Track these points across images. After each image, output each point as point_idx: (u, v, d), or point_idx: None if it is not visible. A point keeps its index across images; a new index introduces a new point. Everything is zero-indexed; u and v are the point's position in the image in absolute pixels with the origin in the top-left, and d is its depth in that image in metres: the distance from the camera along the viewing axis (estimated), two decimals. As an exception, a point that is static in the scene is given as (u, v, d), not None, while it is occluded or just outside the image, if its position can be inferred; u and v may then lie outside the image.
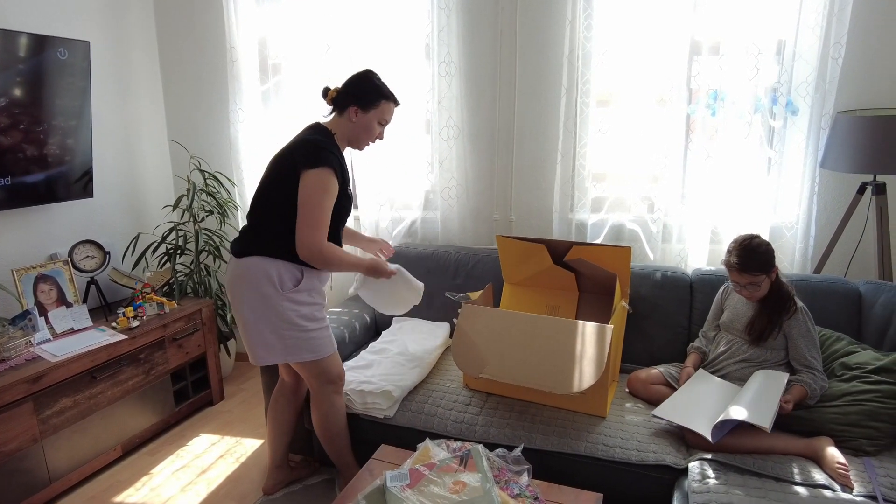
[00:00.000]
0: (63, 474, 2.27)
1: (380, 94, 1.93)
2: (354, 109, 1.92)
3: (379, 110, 1.94)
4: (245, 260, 1.87)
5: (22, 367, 2.16)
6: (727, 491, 1.63)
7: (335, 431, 2.08)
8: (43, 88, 2.44)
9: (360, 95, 1.92)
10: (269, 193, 1.88)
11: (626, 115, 2.58)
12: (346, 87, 1.95)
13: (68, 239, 2.75)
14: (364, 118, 1.93)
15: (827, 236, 2.48)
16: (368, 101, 1.92)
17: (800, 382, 1.88)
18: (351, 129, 1.94)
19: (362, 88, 1.93)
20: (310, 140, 1.86)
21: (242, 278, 1.87)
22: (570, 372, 1.91)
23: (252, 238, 1.89)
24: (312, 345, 1.92)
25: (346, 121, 1.93)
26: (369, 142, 2.00)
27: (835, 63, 2.28)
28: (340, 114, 1.95)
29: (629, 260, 2.21)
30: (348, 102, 1.92)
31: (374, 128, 1.96)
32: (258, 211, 1.91)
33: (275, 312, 1.86)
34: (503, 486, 1.56)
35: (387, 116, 1.97)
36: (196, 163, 3.16)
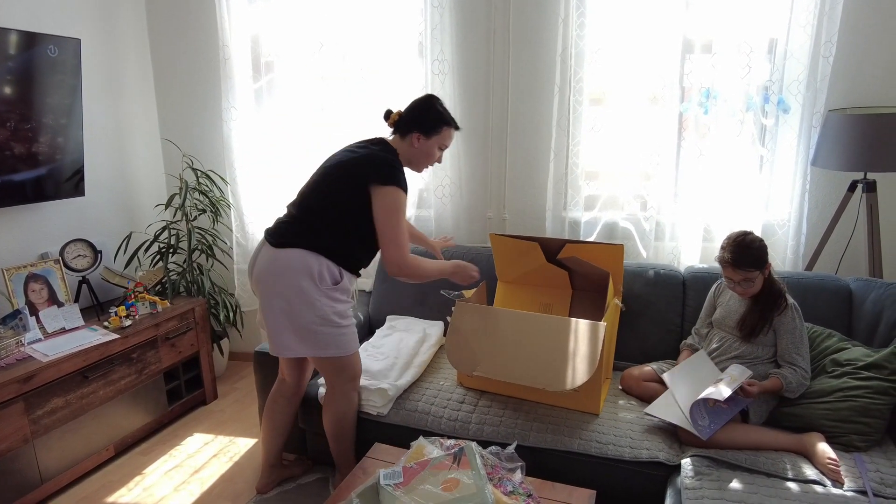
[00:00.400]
0: (55, 475, 2.25)
1: (442, 120, 1.99)
2: (417, 135, 1.97)
3: (440, 136, 2.00)
4: (286, 251, 1.87)
5: (12, 366, 2.14)
6: (719, 487, 1.64)
7: (345, 428, 2.08)
8: (33, 86, 2.42)
9: (423, 122, 1.98)
10: (330, 197, 1.89)
11: (618, 114, 2.59)
12: (409, 113, 2.00)
13: (59, 238, 2.73)
14: (426, 144, 1.99)
15: (818, 234, 2.50)
16: (431, 128, 1.98)
17: (777, 375, 1.90)
18: (412, 153, 2.00)
19: (426, 115, 1.98)
20: (382, 157, 1.91)
21: (281, 269, 1.86)
22: (564, 369, 1.91)
23: (298, 231, 1.90)
24: (341, 341, 1.93)
25: (409, 145, 1.99)
26: (428, 165, 2.06)
27: (826, 62, 2.30)
28: (402, 137, 2.00)
29: (622, 258, 2.22)
30: (411, 128, 1.98)
31: (435, 153, 2.03)
32: (312, 208, 1.91)
33: (311, 307, 1.86)
34: (497, 484, 1.56)
35: (447, 142, 2.05)
36: (188, 161, 3.14)
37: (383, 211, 1.85)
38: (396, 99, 2.81)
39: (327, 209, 1.89)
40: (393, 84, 2.81)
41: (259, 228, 3.11)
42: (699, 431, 1.77)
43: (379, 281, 2.81)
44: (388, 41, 2.75)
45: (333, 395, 2.04)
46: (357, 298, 2.99)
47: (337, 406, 2.05)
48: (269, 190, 3.06)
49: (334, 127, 2.90)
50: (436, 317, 2.66)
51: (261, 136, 3.03)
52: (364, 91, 2.82)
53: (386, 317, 2.72)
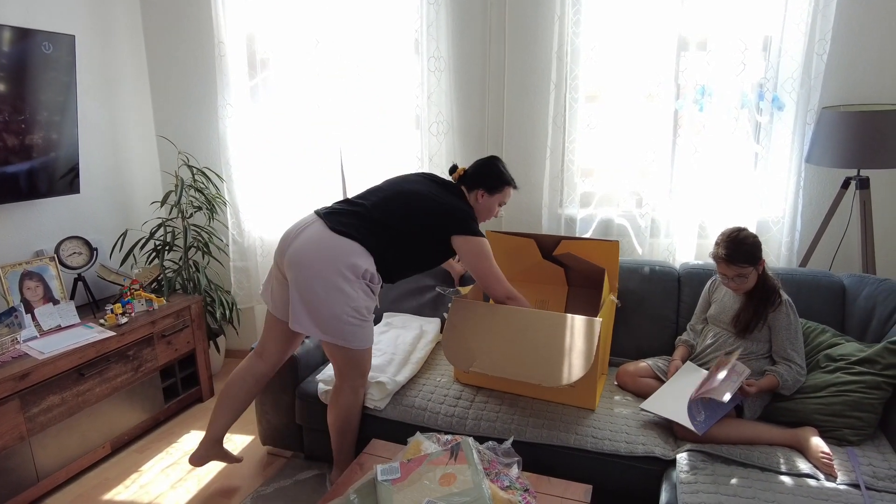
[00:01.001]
0: (51, 472, 2.25)
1: (503, 180, 2.15)
2: (481, 192, 2.13)
3: (502, 194, 2.16)
4: (346, 240, 1.90)
5: (8, 364, 2.14)
6: (714, 481, 1.65)
7: (349, 423, 2.08)
8: (27, 83, 2.41)
9: (488, 181, 2.14)
10: (410, 220, 1.99)
11: (614, 111, 2.60)
12: (474, 171, 2.17)
13: (55, 235, 2.72)
14: (489, 201, 2.15)
15: (812, 230, 2.51)
16: (494, 186, 2.14)
17: (773, 372, 1.92)
18: (476, 207, 2.15)
19: (489, 175, 2.15)
20: (468, 210, 2.09)
21: (333, 254, 1.87)
22: (560, 365, 1.92)
23: (362, 226, 1.95)
24: (362, 334, 1.95)
25: (474, 200, 2.15)
26: (487, 219, 2.20)
27: (820, 59, 2.31)
28: (468, 191, 2.16)
29: (618, 254, 2.23)
30: (476, 185, 2.14)
31: (495, 208, 2.18)
32: (386, 216, 1.98)
33: (346, 297, 1.87)
34: (493, 479, 1.57)
35: (506, 199, 2.20)
36: (184, 158, 3.13)
37: (476, 258, 2.02)
38: (392, 96, 2.81)
39: (400, 227, 1.97)
40: (389, 81, 2.81)
41: (255, 226, 3.10)
42: (694, 426, 1.79)
43: (375, 278, 2.81)
44: (384, 38, 2.76)
45: (343, 388, 2.05)
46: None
47: (345, 400, 2.05)
48: (264, 187, 3.06)
49: (330, 124, 2.90)
50: (432, 314, 2.67)
51: (256, 133, 3.02)
52: (360, 88, 2.82)
53: (383, 314, 2.73)
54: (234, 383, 2.17)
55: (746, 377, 1.86)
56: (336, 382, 2.07)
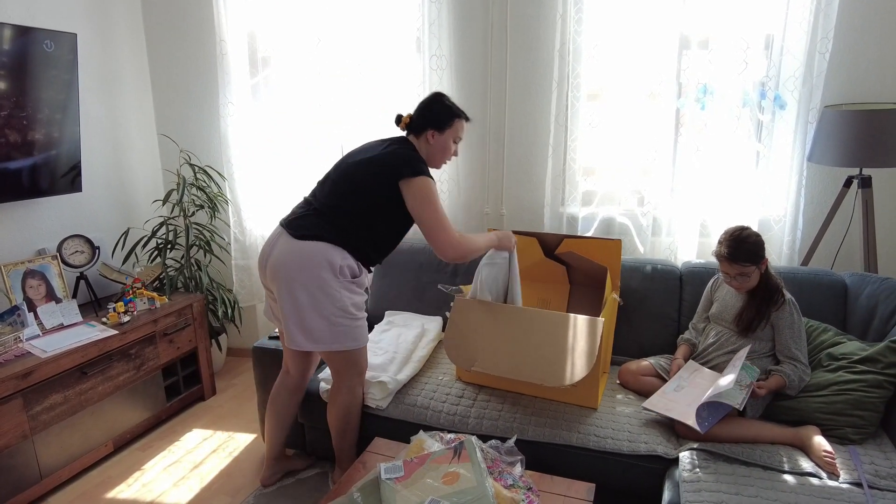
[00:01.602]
0: (54, 470, 2.25)
1: (452, 114, 2.03)
2: (431, 133, 2.01)
3: (453, 129, 2.04)
4: (311, 243, 1.88)
5: (11, 363, 2.14)
6: (717, 479, 1.66)
7: (349, 422, 2.09)
8: (29, 81, 2.41)
9: (435, 119, 2.02)
10: (356, 193, 1.92)
11: (616, 110, 2.60)
12: (420, 112, 2.04)
13: (57, 234, 2.72)
14: (441, 138, 2.03)
15: (814, 229, 2.51)
16: (443, 123, 2.02)
17: (779, 372, 1.92)
18: (429, 150, 2.04)
19: (435, 111, 2.03)
20: (408, 153, 1.96)
21: (303, 261, 1.87)
22: (562, 364, 1.92)
23: (321, 224, 1.91)
24: (356, 333, 1.95)
25: (424, 143, 2.03)
26: (446, 160, 2.10)
27: (822, 58, 2.31)
28: (417, 137, 2.04)
29: (620, 253, 2.23)
30: (424, 126, 2.02)
31: (451, 146, 2.07)
32: (337, 202, 1.93)
33: (331, 299, 1.87)
34: (497, 477, 1.58)
35: (460, 134, 2.08)
36: (186, 157, 3.13)
37: (420, 201, 1.89)
38: (394, 94, 2.81)
39: (353, 204, 1.92)
40: (390, 80, 2.81)
41: (257, 224, 3.11)
42: (697, 425, 1.79)
43: (377, 277, 2.81)
44: (386, 37, 2.75)
45: (340, 389, 2.05)
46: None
47: (343, 400, 2.06)
48: (266, 186, 3.06)
49: (332, 123, 2.90)
50: (434, 312, 2.67)
51: (258, 131, 3.02)
52: (362, 87, 2.81)
53: (384, 312, 2.73)
54: (273, 400, 2.20)
55: (756, 378, 1.86)
56: (334, 382, 2.07)
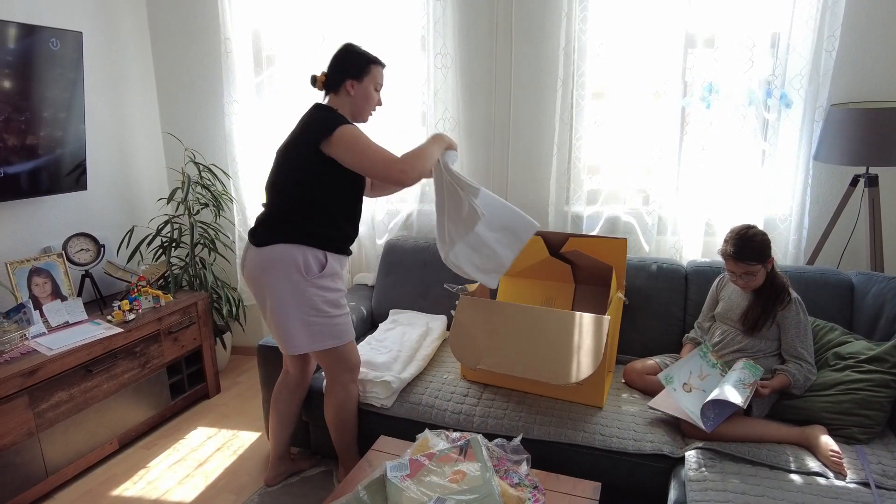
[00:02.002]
0: (59, 468, 2.26)
1: (367, 60, 1.95)
2: (350, 83, 1.93)
3: (371, 76, 1.95)
4: (268, 248, 1.87)
5: (17, 360, 2.15)
6: (723, 479, 1.65)
7: (346, 421, 2.09)
8: (34, 80, 2.41)
9: (351, 68, 1.93)
10: (290, 178, 1.88)
11: (621, 108, 2.59)
12: (334, 66, 1.96)
13: (62, 232, 2.73)
14: (360, 87, 1.94)
15: (820, 228, 2.51)
16: (360, 70, 1.93)
17: (784, 372, 1.91)
18: (351, 102, 1.96)
19: (350, 60, 1.94)
20: (318, 115, 1.90)
21: (268, 267, 1.87)
22: (568, 363, 1.92)
23: (273, 225, 1.90)
24: (336, 331, 1.94)
25: (345, 97, 1.95)
26: (371, 111, 2.02)
27: (828, 56, 2.30)
28: (337, 93, 1.96)
29: (625, 252, 2.23)
30: (342, 78, 1.94)
31: (373, 94, 1.98)
32: (279, 198, 1.91)
33: (302, 299, 1.87)
34: (503, 476, 1.57)
35: (379, 80, 1.99)
36: (190, 155, 3.14)
37: (348, 148, 1.79)
38: (399, 93, 2.81)
39: (291, 192, 1.88)
40: (395, 78, 2.80)
41: (261, 223, 3.11)
42: (703, 424, 1.78)
43: (381, 275, 2.82)
44: (391, 35, 2.75)
45: (333, 386, 2.05)
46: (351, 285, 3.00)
47: (336, 397, 2.06)
48: (271, 184, 3.06)
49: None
50: (438, 310, 2.67)
51: (262, 129, 3.02)
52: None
53: (389, 311, 2.73)
54: (275, 399, 2.20)
55: (759, 377, 1.86)
56: (327, 381, 2.08)
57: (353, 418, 2.11)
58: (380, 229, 2.97)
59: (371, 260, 3.03)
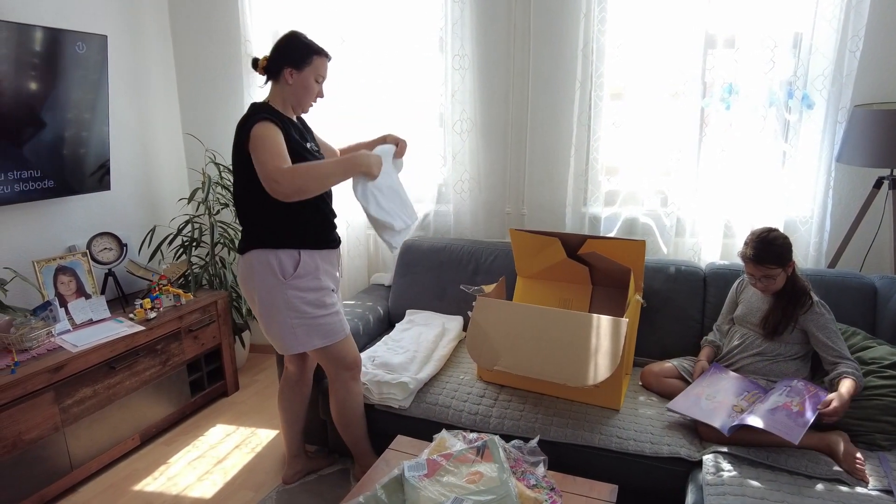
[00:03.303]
0: (84, 462, 2.31)
1: (310, 50, 1.90)
2: (289, 71, 1.88)
3: (313, 67, 1.90)
4: (247, 255, 1.93)
5: (43, 357, 2.20)
6: (741, 483, 1.64)
7: (352, 418, 2.11)
8: (61, 82, 2.46)
9: (292, 55, 1.89)
10: (238, 184, 1.92)
11: (639, 109, 2.58)
12: (275, 52, 1.91)
13: (86, 231, 2.79)
14: (300, 77, 1.89)
15: (842, 231, 2.47)
16: (301, 60, 1.88)
17: (848, 375, 1.81)
18: (290, 91, 1.91)
19: (292, 48, 1.89)
20: (247, 113, 1.88)
21: (248, 273, 1.94)
22: (585, 365, 1.92)
23: (245, 233, 1.95)
24: (323, 330, 1.96)
25: (284, 85, 1.90)
26: (311, 102, 1.97)
27: (852, 56, 2.27)
28: (276, 80, 1.92)
29: (643, 254, 2.22)
30: (281, 65, 1.89)
31: (313, 85, 1.92)
32: (240, 207, 1.95)
33: (282, 301, 1.90)
34: (519, 477, 1.58)
35: (322, 72, 1.94)
36: (211, 156, 3.18)
37: (252, 147, 1.76)
38: (417, 94, 2.82)
39: (245, 197, 1.90)
40: (413, 80, 2.82)
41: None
42: (720, 427, 1.77)
43: (398, 276, 2.83)
44: (409, 37, 2.76)
45: (334, 385, 2.08)
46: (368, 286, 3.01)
47: (337, 396, 2.09)
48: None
49: (355, 122, 2.92)
50: (454, 311, 2.68)
51: (281, 131, 3.05)
52: (384, 87, 2.83)
53: (405, 311, 2.74)
54: (280, 397, 2.24)
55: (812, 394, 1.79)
56: (328, 379, 2.10)
57: (359, 416, 2.13)
58: (397, 230, 2.98)
59: (388, 260, 3.05)
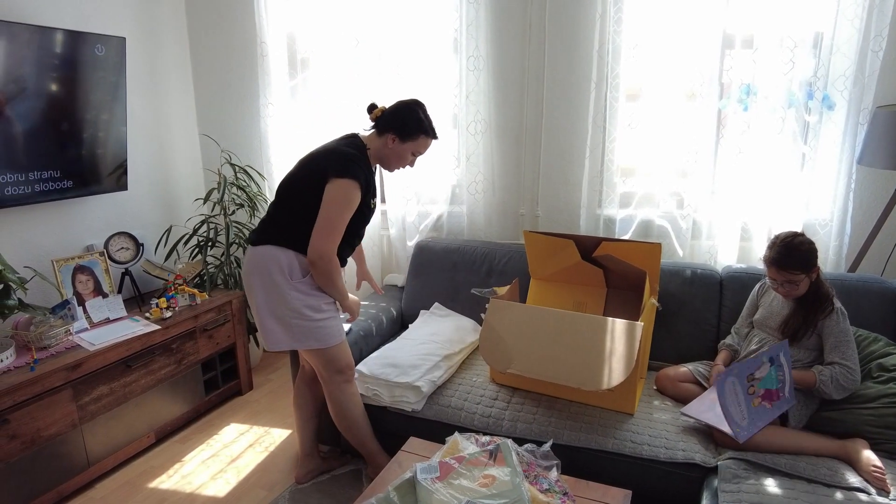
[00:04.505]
0: (100, 458, 2.34)
1: (420, 128, 1.98)
2: (392, 136, 1.98)
3: (416, 143, 2.00)
4: (259, 248, 1.94)
5: (62, 354, 2.23)
6: (757, 491, 1.62)
7: (352, 420, 2.12)
8: (81, 83, 2.50)
9: (401, 125, 1.97)
10: (295, 190, 1.95)
11: (655, 110, 2.55)
12: (390, 113, 2.00)
13: (103, 231, 2.82)
14: (399, 147, 1.99)
15: (863, 234, 2.43)
16: (407, 133, 1.97)
17: (815, 370, 1.85)
18: (385, 152, 2.01)
19: (405, 119, 1.98)
20: (343, 151, 1.92)
21: (255, 265, 1.94)
22: (600, 369, 1.90)
23: (269, 228, 1.96)
24: (319, 333, 1.97)
25: (383, 144, 2.00)
26: (399, 168, 2.07)
27: (875, 56, 2.23)
28: (379, 134, 2.01)
29: (659, 257, 2.20)
30: (389, 128, 1.98)
31: (407, 157, 2.03)
32: (280, 204, 1.97)
33: (283, 300, 1.92)
34: (532, 481, 1.57)
35: (421, 149, 2.03)
36: (226, 157, 3.20)
37: (328, 201, 1.85)
38: (431, 95, 2.82)
39: (291, 205, 1.94)
40: (427, 80, 2.81)
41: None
42: (736, 434, 1.75)
43: (411, 277, 2.83)
44: (424, 38, 2.76)
45: (327, 387, 2.09)
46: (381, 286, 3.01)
47: (333, 399, 2.10)
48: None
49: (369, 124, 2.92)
50: (468, 313, 2.67)
51: (297, 132, 3.07)
52: (399, 88, 2.83)
53: (419, 311, 2.74)
54: (295, 395, 2.26)
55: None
56: (322, 383, 2.11)
57: (358, 417, 2.13)
58: (410, 231, 2.99)
59: (401, 261, 3.05)
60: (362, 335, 2.46)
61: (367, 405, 2.18)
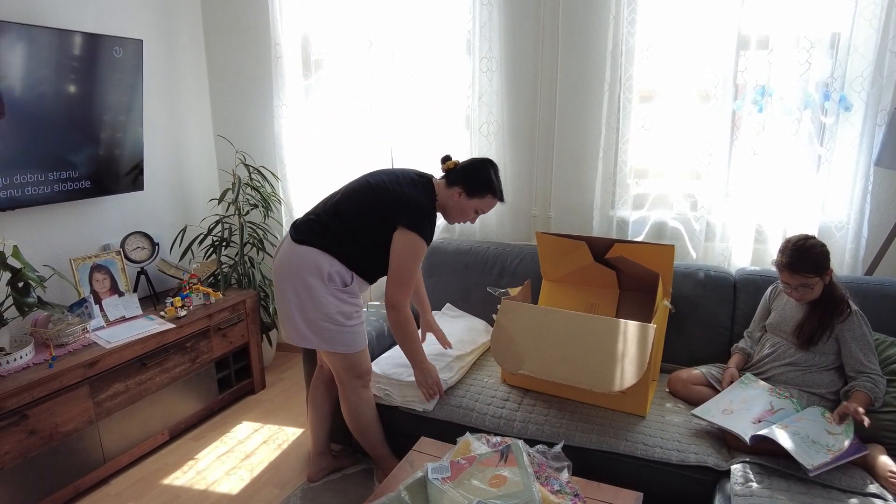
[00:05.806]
0: (115, 455, 2.37)
1: (489, 188, 2.02)
2: (459, 191, 2.01)
3: (482, 201, 2.04)
4: (304, 248, 1.94)
5: (79, 352, 2.26)
6: (771, 495, 1.60)
7: (365, 423, 2.13)
8: (99, 85, 2.54)
9: (470, 182, 2.01)
10: (361, 214, 1.96)
11: (669, 111, 2.54)
12: (462, 168, 2.04)
13: (120, 230, 2.86)
14: (465, 202, 2.03)
15: (881, 237, 2.39)
16: (475, 190, 2.01)
17: (860, 388, 1.79)
18: (450, 205, 2.05)
19: (475, 176, 2.01)
20: (421, 204, 1.96)
21: (296, 264, 1.94)
22: (612, 371, 1.90)
23: (320, 231, 1.96)
24: (347, 339, 1.98)
25: (449, 196, 2.03)
26: (460, 221, 2.11)
27: (893, 57, 2.20)
28: (448, 185, 2.04)
29: (672, 259, 2.18)
30: (458, 182, 2.02)
31: (470, 213, 2.07)
32: (340, 215, 1.97)
33: (317, 304, 1.93)
34: (543, 482, 1.57)
35: (486, 208, 2.07)
36: (241, 157, 3.24)
37: (402, 253, 1.92)
38: (444, 97, 2.83)
39: (353, 222, 1.95)
40: (440, 82, 2.82)
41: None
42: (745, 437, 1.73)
43: (423, 277, 2.83)
44: (437, 39, 2.77)
45: (344, 391, 2.10)
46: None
47: (349, 402, 2.10)
48: (317, 186, 3.13)
49: (382, 125, 2.94)
50: (479, 313, 2.68)
51: (310, 133, 3.09)
52: (412, 89, 2.84)
53: (430, 313, 2.75)
54: (311, 394, 2.28)
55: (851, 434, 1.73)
56: (339, 385, 2.12)
57: (372, 420, 2.14)
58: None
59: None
60: (374, 335, 2.47)
61: (378, 405, 2.19)
